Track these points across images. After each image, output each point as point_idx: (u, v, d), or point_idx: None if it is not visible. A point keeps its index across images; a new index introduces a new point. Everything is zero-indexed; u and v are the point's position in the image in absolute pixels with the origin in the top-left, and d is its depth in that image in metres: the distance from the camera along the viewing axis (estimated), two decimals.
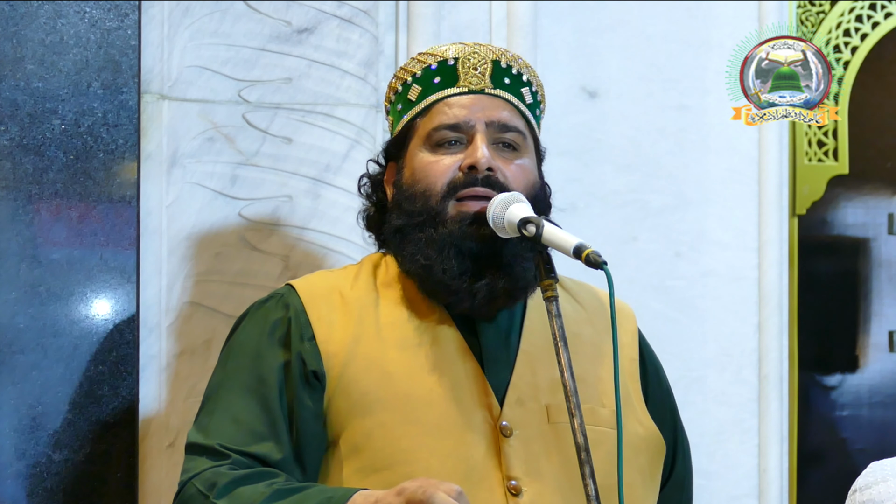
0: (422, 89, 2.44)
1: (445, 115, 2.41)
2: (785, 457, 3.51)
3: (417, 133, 2.42)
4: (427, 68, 2.44)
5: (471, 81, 2.43)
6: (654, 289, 3.43)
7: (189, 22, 2.94)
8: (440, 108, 2.42)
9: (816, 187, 3.58)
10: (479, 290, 2.34)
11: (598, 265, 2.19)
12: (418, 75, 2.44)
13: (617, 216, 3.42)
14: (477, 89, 2.43)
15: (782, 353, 3.50)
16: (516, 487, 2.27)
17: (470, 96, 2.43)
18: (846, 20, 3.61)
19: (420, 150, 2.41)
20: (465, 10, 3.22)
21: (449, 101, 2.43)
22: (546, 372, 2.37)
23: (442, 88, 2.44)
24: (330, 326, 2.34)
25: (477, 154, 2.38)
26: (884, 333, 3.67)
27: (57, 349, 2.80)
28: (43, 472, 2.79)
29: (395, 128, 2.48)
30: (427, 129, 2.41)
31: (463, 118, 2.40)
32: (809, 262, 3.59)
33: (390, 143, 2.49)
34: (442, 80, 2.43)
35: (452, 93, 2.43)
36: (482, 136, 2.39)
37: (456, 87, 2.43)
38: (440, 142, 2.40)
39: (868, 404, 3.66)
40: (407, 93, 2.45)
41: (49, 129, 2.82)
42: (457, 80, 2.43)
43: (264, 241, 2.97)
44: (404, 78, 2.47)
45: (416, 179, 2.39)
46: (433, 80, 2.43)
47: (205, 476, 2.25)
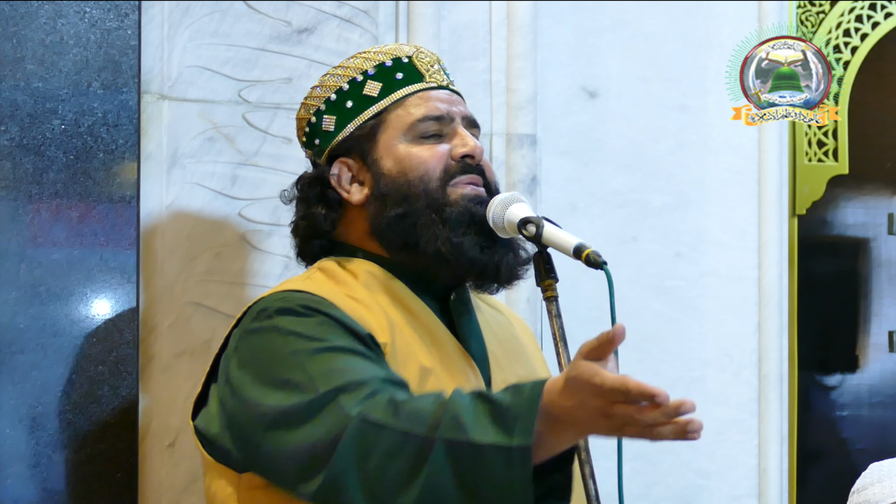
0: (383, 85, 2.42)
1: (428, 107, 2.40)
2: (785, 457, 3.51)
3: (392, 125, 2.40)
4: (381, 66, 2.43)
5: (435, 78, 2.44)
6: (654, 289, 3.44)
7: (189, 22, 2.95)
8: (415, 101, 2.41)
9: (816, 187, 3.58)
10: (501, 263, 2.34)
11: (598, 265, 2.19)
12: (371, 73, 2.42)
13: (617, 216, 3.42)
14: (444, 85, 2.45)
15: (782, 353, 3.50)
16: None
17: (441, 91, 2.43)
18: (846, 20, 3.61)
19: (400, 141, 2.39)
20: (465, 10, 3.22)
21: (425, 95, 2.42)
22: (510, 368, 2.40)
23: (410, 83, 2.42)
24: (363, 320, 2.30)
25: (471, 143, 2.39)
26: (884, 333, 3.67)
27: (57, 349, 2.80)
28: (43, 472, 2.79)
29: (345, 125, 2.43)
30: (408, 121, 2.40)
31: (445, 111, 2.41)
32: (809, 262, 3.59)
33: (351, 138, 2.42)
34: (406, 75, 2.42)
35: (425, 87, 2.43)
36: (463, 129, 2.40)
37: (424, 83, 2.43)
38: (424, 133, 2.39)
39: (868, 404, 3.66)
40: (361, 89, 2.42)
41: (49, 129, 2.82)
42: (422, 77, 2.43)
43: (264, 241, 2.97)
44: (350, 76, 2.43)
45: (405, 168, 2.37)
46: (395, 75, 2.42)
47: (372, 403, 2.07)
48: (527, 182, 3.23)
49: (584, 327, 3.06)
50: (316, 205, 2.43)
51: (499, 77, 3.23)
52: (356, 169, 2.42)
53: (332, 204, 2.42)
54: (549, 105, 3.35)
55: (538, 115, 3.27)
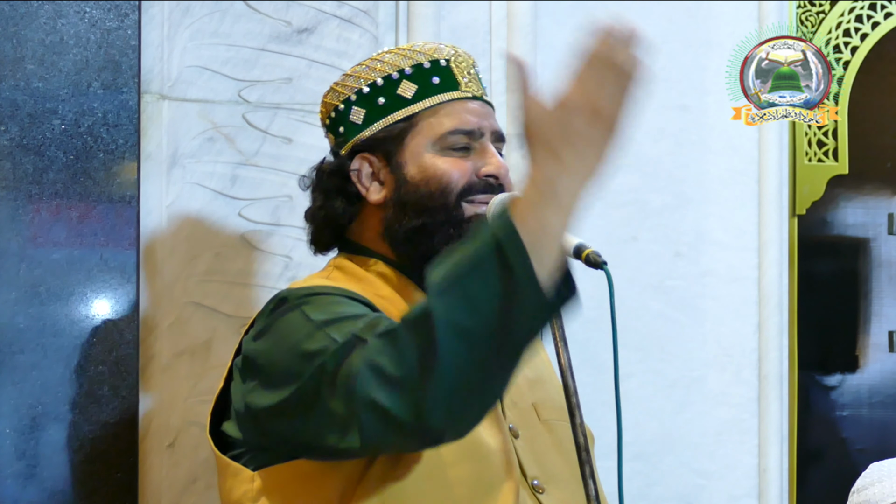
0: (419, 87, 2.40)
1: (460, 119, 2.38)
2: (785, 457, 3.51)
3: (422, 132, 2.38)
4: (419, 66, 2.40)
5: (470, 87, 2.41)
6: (654, 289, 3.44)
7: (189, 22, 2.95)
8: (448, 110, 2.39)
9: (816, 187, 3.58)
10: None
11: (598, 265, 2.19)
12: (408, 72, 2.40)
13: (617, 216, 3.42)
14: (478, 95, 2.42)
15: (782, 353, 3.50)
16: (539, 486, 2.28)
17: (476, 102, 2.41)
18: (846, 20, 3.61)
19: (427, 149, 2.37)
20: (465, 10, 3.22)
21: (459, 105, 2.39)
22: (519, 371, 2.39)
23: (445, 90, 2.40)
24: (388, 314, 2.28)
25: (497, 163, 2.36)
26: (884, 333, 3.67)
27: (57, 349, 2.80)
28: (43, 472, 2.79)
29: (374, 121, 2.41)
30: (439, 130, 2.37)
31: (477, 125, 2.38)
32: (809, 262, 3.59)
33: (378, 137, 2.39)
34: (442, 81, 2.40)
35: (460, 96, 2.40)
36: (491, 146, 2.39)
37: (459, 92, 2.40)
38: (453, 145, 2.37)
39: (868, 404, 3.66)
40: (395, 88, 2.40)
41: (49, 129, 2.82)
42: (458, 85, 2.41)
43: (264, 241, 2.97)
44: (386, 72, 2.41)
45: (428, 178, 2.35)
46: (431, 79, 2.41)
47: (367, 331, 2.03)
48: None
49: (584, 327, 3.06)
50: (335, 197, 2.41)
51: (499, 77, 3.23)
52: (378, 168, 2.39)
53: (350, 198, 2.40)
54: None
55: None
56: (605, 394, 2.27)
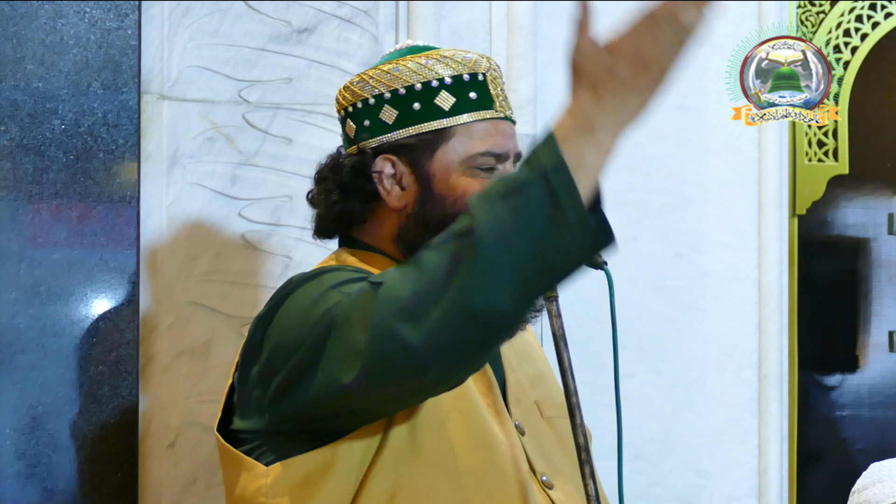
0: (456, 101, 2.35)
1: (493, 142, 2.35)
2: (785, 457, 3.51)
3: (454, 148, 2.35)
4: (458, 77, 2.37)
5: (503, 106, 2.39)
6: (654, 289, 3.44)
7: (189, 22, 2.95)
8: (482, 130, 2.36)
9: (816, 187, 3.58)
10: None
11: (598, 265, 2.19)
12: (448, 82, 2.36)
13: (617, 216, 3.39)
14: (508, 116, 2.40)
15: (782, 353, 3.50)
16: (548, 482, 2.28)
17: (506, 124, 2.39)
18: (846, 20, 3.61)
19: (457, 166, 2.33)
20: (465, 10, 3.22)
21: (493, 126, 2.37)
22: (521, 369, 2.39)
23: (481, 108, 2.36)
24: None
25: None
26: (884, 333, 3.67)
27: (57, 349, 2.81)
28: (43, 472, 2.79)
29: (406, 125, 2.37)
30: (472, 150, 2.33)
31: (505, 149, 2.36)
32: (809, 262, 3.59)
33: (408, 142, 2.36)
34: (479, 97, 2.37)
35: (494, 116, 2.37)
36: None
37: (494, 112, 2.37)
38: (482, 166, 2.34)
39: (868, 404, 3.66)
40: (433, 96, 2.36)
41: (49, 129, 2.82)
42: (492, 103, 2.37)
43: (264, 241, 2.97)
44: (426, 78, 2.36)
45: (456, 198, 2.31)
46: (469, 93, 2.36)
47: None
48: None
49: (584, 327, 3.07)
50: (354, 195, 2.38)
51: None
52: (401, 172, 2.35)
53: (369, 197, 2.37)
54: (549, 105, 3.34)
55: (538, 115, 3.27)
56: (605, 394, 2.28)
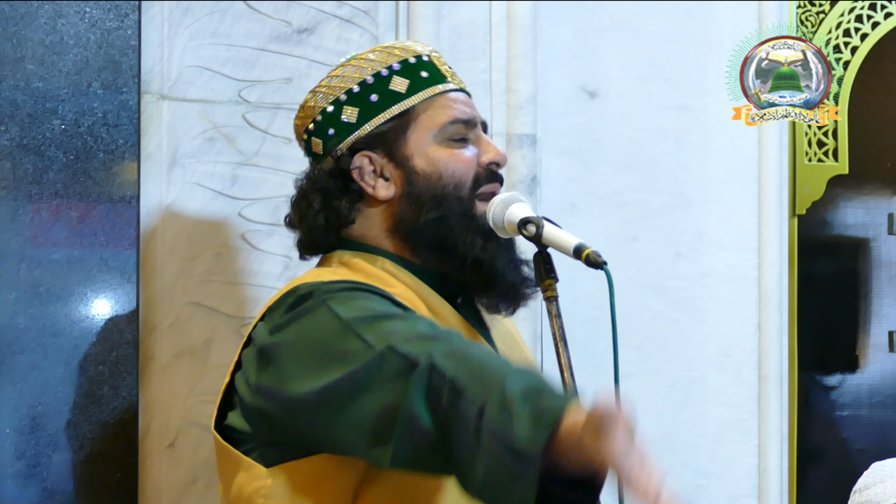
0: (410, 82, 2.40)
1: (456, 110, 2.40)
2: (785, 457, 3.51)
3: (422, 124, 2.38)
4: (405, 62, 2.41)
5: (455, 80, 2.44)
6: (654, 289, 3.44)
7: (189, 22, 2.95)
8: (443, 102, 2.40)
9: (816, 187, 3.59)
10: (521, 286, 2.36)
11: (598, 265, 2.19)
12: (396, 68, 2.40)
13: (617, 216, 3.42)
14: (463, 87, 2.45)
15: (782, 353, 3.51)
16: None
17: (462, 94, 2.44)
18: (846, 20, 3.61)
19: (431, 141, 2.38)
20: (465, 10, 3.22)
21: (452, 97, 2.41)
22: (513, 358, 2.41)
23: (435, 83, 2.41)
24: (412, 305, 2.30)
25: (496, 150, 2.39)
26: (884, 333, 3.67)
27: (57, 349, 2.81)
28: (43, 472, 2.79)
29: (369, 118, 2.39)
30: (438, 122, 2.38)
31: (471, 115, 2.41)
32: (809, 262, 3.59)
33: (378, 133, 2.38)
34: (430, 75, 2.41)
35: (450, 88, 2.42)
36: (484, 134, 2.41)
37: (448, 84, 2.43)
38: (454, 136, 2.38)
39: (868, 404, 3.66)
40: (387, 84, 2.40)
41: (49, 129, 2.82)
42: (444, 77, 2.42)
43: (264, 241, 2.97)
44: (375, 69, 2.40)
45: (440, 170, 2.36)
46: (420, 73, 2.41)
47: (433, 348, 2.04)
48: (527, 182, 3.23)
49: (584, 327, 3.07)
50: (339, 197, 2.39)
51: (499, 77, 3.23)
52: (381, 164, 2.38)
53: (353, 197, 2.39)
54: (549, 105, 3.35)
55: (538, 115, 3.27)
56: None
